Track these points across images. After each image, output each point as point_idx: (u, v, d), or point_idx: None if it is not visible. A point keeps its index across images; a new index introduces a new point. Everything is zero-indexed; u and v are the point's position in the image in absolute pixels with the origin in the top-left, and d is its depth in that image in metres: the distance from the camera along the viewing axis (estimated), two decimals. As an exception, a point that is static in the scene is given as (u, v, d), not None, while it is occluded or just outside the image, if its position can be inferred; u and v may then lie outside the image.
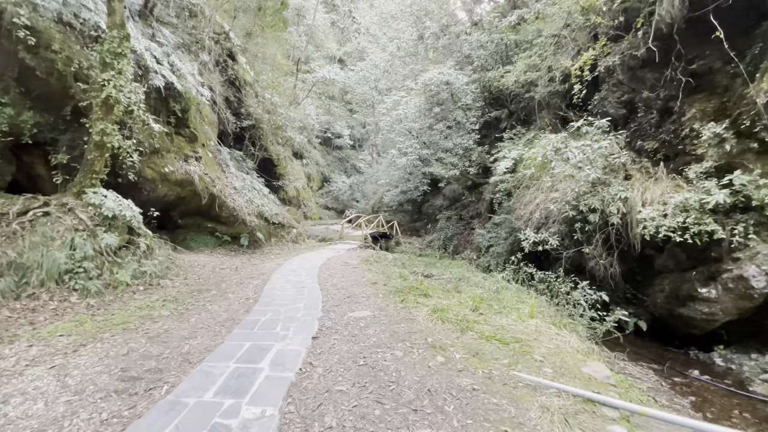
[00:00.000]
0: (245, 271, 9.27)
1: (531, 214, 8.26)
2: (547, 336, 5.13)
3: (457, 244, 16.28)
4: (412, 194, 20.22)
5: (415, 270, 9.68)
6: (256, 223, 13.25)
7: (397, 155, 14.21)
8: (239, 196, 13.56)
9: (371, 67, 29.07)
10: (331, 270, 9.41)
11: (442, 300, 6.51)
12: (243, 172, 17.17)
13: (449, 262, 11.94)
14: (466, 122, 13.41)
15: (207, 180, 11.76)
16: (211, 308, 5.82)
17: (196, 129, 12.44)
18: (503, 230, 10.50)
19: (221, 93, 17.56)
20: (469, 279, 8.98)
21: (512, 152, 9.43)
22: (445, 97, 13.42)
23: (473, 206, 17.94)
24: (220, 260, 10.59)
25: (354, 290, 7.09)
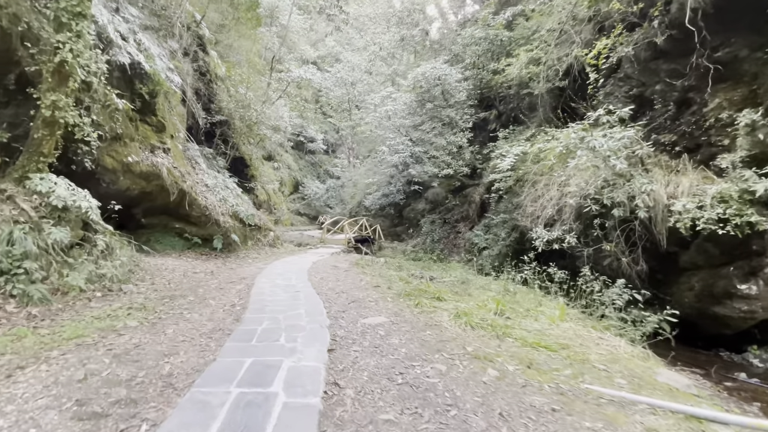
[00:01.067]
0: (223, 275, 8.13)
1: (541, 210, 7.80)
2: (591, 341, 4.54)
3: (443, 247, 15.73)
4: (394, 197, 19.57)
5: (413, 273, 8.94)
6: (230, 225, 12.03)
7: (388, 152, 13.51)
8: (211, 194, 12.29)
9: (349, 69, 28.38)
10: (322, 274, 8.47)
11: (460, 303, 5.80)
12: (214, 170, 15.82)
13: (443, 266, 11.30)
14: (459, 120, 12.99)
15: (176, 174, 10.50)
16: (190, 317, 4.76)
17: (165, 118, 11.17)
18: (502, 230, 10.03)
19: (191, 84, 16.23)
20: (472, 281, 8.35)
21: (514, 148, 9.02)
22: (437, 94, 12.95)
23: (457, 210, 17.54)
24: (192, 264, 9.35)
25: (357, 294, 6.23)
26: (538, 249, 7.35)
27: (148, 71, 9.52)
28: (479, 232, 11.47)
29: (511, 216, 9.91)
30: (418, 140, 13.28)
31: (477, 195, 13.47)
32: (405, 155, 12.80)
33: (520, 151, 8.75)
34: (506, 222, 10.07)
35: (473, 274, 9.76)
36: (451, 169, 12.58)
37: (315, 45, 48.61)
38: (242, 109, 18.26)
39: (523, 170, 9.02)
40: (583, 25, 8.47)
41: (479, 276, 9.68)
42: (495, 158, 11.12)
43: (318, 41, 49.36)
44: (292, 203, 39.17)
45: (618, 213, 6.11)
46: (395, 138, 13.36)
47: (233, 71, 19.47)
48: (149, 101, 10.17)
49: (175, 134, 12.25)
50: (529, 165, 8.65)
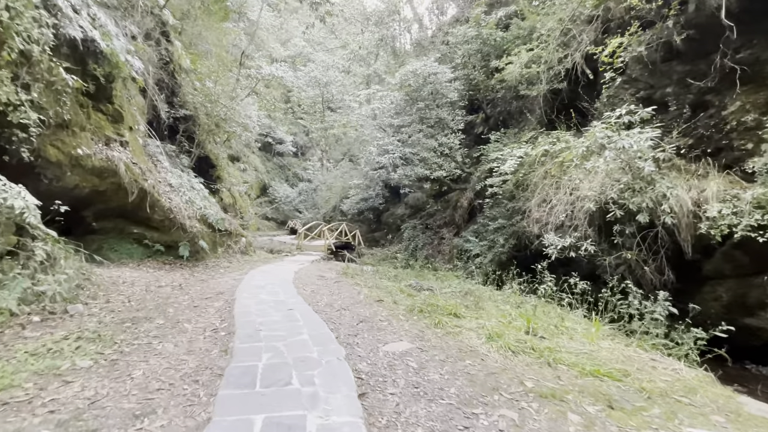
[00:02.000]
0: (194, 289, 6.96)
1: (550, 216, 7.33)
2: (644, 363, 3.99)
3: (428, 254, 15.12)
4: (373, 202, 18.80)
5: (410, 283, 8.18)
6: (198, 230, 10.72)
7: (376, 153, 12.69)
8: (176, 195, 10.93)
9: (323, 68, 27.39)
10: (311, 286, 7.51)
11: (481, 320, 5.11)
12: (177, 168, 14.31)
13: (435, 274, 10.64)
14: (450, 121, 12.46)
15: (136, 171, 9.14)
16: (163, 349, 3.71)
17: (123, 107, 9.80)
18: (500, 236, 9.53)
19: (154, 74, 14.69)
20: (475, 292, 7.72)
21: (515, 150, 8.56)
22: (425, 94, 12.36)
23: (440, 215, 17.05)
24: (154, 275, 8.05)
25: (362, 312, 5.37)
26: (551, 257, 6.85)
27: (105, 50, 8.18)
28: (473, 238, 10.93)
29: (509, 221, 9.44)
30: (407, 141, 12.64)
31: (465, 200, 12.98)
32: (394, 156, 12.09)
33: (523, 153, 8.31)
34: (503, 228, 9.60)
35: (471, 283, 9.16)
36: (443, 171, 12.01)
37: (285, 44, 47.16)
38: (209, 104, 16.82)
39: (523, 173, 8.58)
40: (589, 24, 8.19)
41: (478, 285, 9.09)
42: (489, 161, 10.67)
43: (288, 40, 47.95)
44: (259, 207, 37.34)
45: (643, 219, 5.71)
46: (383, 138, 12.61)
47: (199, 63, 17.95)
48: (105, 86, 8.82)
49: (135, 126, 10.83)
50: (532, 168, 8.20)
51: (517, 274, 8.22)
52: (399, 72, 12.85)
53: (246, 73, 28.69)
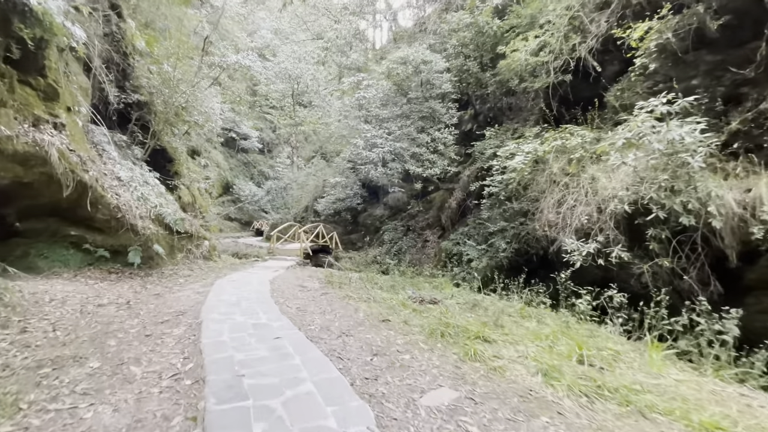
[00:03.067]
0: (147, 308, 5.54)
1: (569, 217, 6.56)
2: (738, 401, 3.20)
3: (412, 258, 14.18)
4: (351, 202, 17.62)
5: (410, 295, 7.15)
6: (152, 231, 9.10)
7: (363, 146, 11.48)
8: (126, 190, 9.25)
9: (294, 59, 25.79)
10: (294, 300, 6.28)
11: (518, 347, 4.18)
12: (128, 161, 12.45)
13: (424, 280, 9.68)
14: (444, 114, 11.54)
15: (73, 160, 7.48)
16: (94, 419, 2.43)
17: (58, 82, 8.11)
18: (500, 240, 8.72)
19: (101, 51, 12.76)
20: (481, 303, 6.82)
21: (523, 146, 7.77)
22: (413, 85, 11.37)
23: (422, 216, 16.19)
24: (95, 289, 6.50)
25: (370, 338, 4.26)
26: (575, 264, 6.07)
27: (35, 8, 6.55)
28: (468, 242, 10.07)
29: (511, 224, 8.66)
30: (396, 134, 11.60)
31: (453, 200, 12.15)
32: (384, 150, 10.98)
33: (531, 148, 7.55)
34: (503, 231, 8.80)
35: (469, 291, 8.28)
36: (438, 168, 11.07)
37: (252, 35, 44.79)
38: (167, 90, 14.95)
39: (528, 172, 7.81)
40: (600, 11, 7.59)
41: (481, 295, 8.23)
42: (485, 159, 9.90)
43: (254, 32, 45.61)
44: (222, 206, 34.96)
45: (687, 221, 5.04)
46: (370, 130, 11.48)
47: (157, 45, 15.95)
48: (35, 53, 7.18)
49: (75, 108, 9.09)
50: (540, 165, 7.44)
51: (528, 282, 7.43)
52: (386, 59, 11.81)
53: (209, 61, 26.59)
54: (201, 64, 25.12)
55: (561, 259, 6.52)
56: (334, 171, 19.86)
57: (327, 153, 25.94)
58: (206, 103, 21.58)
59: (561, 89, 9.01)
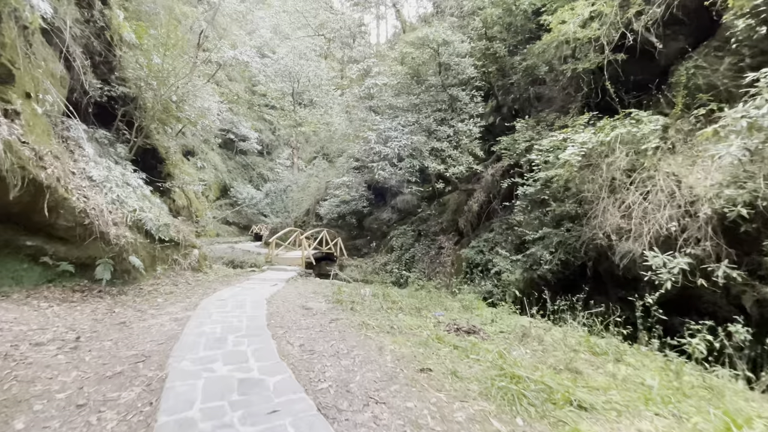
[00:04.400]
0: (100, 348, 4.13)
1: (645, 223, 5.16)
2: None
3: (424, 267, 12.78)
4: (356, 205, 16.24)
5: (438, 319, 5.75)
6: (128, 240, 7.69)
7: (375, 140, 10.08)
8: (98, 192, 7.86)
9: (294, 56, 24.46)
10: (296, 332, 4.86)
11: (638, 422, 2.77)
12: (109, 159, 11.08)
13: (461, 300, 8.25)
14: (467, 103, 10.15)
15: (25, 155, 6.10)
16: None
17: (14, 62, 6.81)
18: (542, 249, 7.31)
19: (78, 38, 11.44)
20: (531, 332, 5.42)
21: (577, 135, 6.39)
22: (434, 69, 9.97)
23: (434, 220, 14.81)
24: (46, 317, 5.11)
25: (413, 410, 2.85)
26: (665, 285, 4.67)
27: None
28: (501, 251, 8.65)
29: (557, 230, 7.26)
30: (413, 126, 10.21)
31: (474, 202, 10.76)
32: (400, 144, 9.57)
33: (587, 138, 6.16)
34: (546, 238, 7.39)
35: (507, 310, 6.87)
36: (462, 165, 9.68)
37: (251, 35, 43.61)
38: (155, 82, 13.58)
39: (578, 168, 6.43)
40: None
41: (518, 314, 6.82)
42: (517, 154, 8.54)
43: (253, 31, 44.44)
44: (219, 210, 33.60)
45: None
46: (382, 122, 10.08)
47: (147, 35, 14.58)
48: (-30, 20, 5.80)
49: (37, 95, 7.72)
50: (596, 159, 6.05)
51: (579, 302, 6.03)
52: (400, 42, 10.48)
53: (205, 57, 25.37)
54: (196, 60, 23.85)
55: (633, 275, 5.13)
56: (338, 171, 18.47)
57: (329, 154, 24.59)
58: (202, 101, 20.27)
59: (607, 71, 7.63)
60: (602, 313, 5.69)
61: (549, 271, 7.20)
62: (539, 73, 10.71)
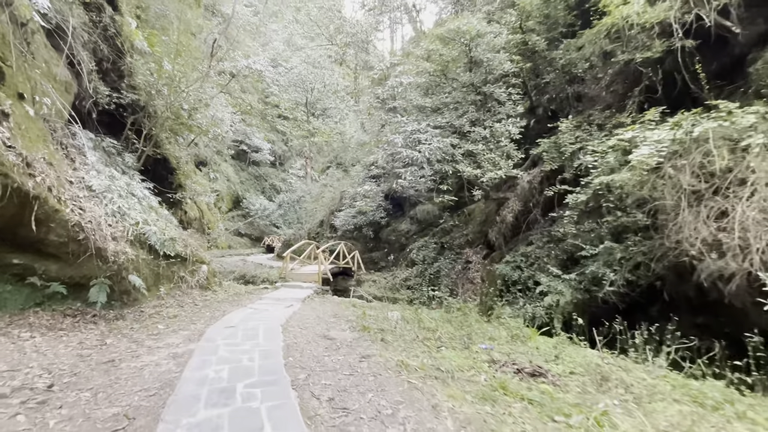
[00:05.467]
0: (72, 402, 3.23)
1: (753, 237, 4.10)
2: None
3: (449, 283, 11.72)
4: (374, 215, 15.32)
5: (492, 354, 4.72)
6: (128, 257, 6.87)
7: (403, 144, 9.13)
8: (97, 204, 7.10)
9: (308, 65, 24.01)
10: (322, 376, 3.89)
11: None
12: (115, 168, 10.42)
13: (499, 322, 7.19)
14: (506, 101, 9.21)
15: (10, 161, 5.35)
16: None
17: (5, 59, 6.22)
18: (605, 267, 6.21)
19: (87, 42, 10.98)
20: (610, 374, 4.34)
21: (651, 134, 5.36)
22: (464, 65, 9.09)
23: (458, 232, 13.78)
24: (22, 351, 4.27)
25: None
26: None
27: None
28: (548, 267, 7.56)
29: (623, 245, 6.17)
30: (445, 128, 9.27)
31: (509, 212, 9.73)
32: (431, 147, 8.58)
33: (665, 137, 5.15)
34: (610, 254, 6.28)
35: (567, 342, 5.79)
36: (501, 170, 8.68)
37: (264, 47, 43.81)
38: (166, 90, 13.00)
39: (646, 171, 5.38)
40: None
41: (583, 345, 5.74)
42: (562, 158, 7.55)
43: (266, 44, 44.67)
44: (231, 222, 33.13)
45: None
46: (410, 124, 9.16)
47: (158, 41, 14.08)
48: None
49: (32, 97, 7.06)
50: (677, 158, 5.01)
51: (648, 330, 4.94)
52: (427, 37, 9.65)
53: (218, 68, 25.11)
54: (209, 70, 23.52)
55: (714, 298, 4.05)
56: (353, 181, 17.63)
57: (343, 163, 23.86)
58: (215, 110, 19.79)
59: (675, 60, 6.62)
60: (683, 344, 4.60)
61: (614, 293, 6.10)
62: (578, 71, 9.75)
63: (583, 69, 9.61)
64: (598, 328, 6.06)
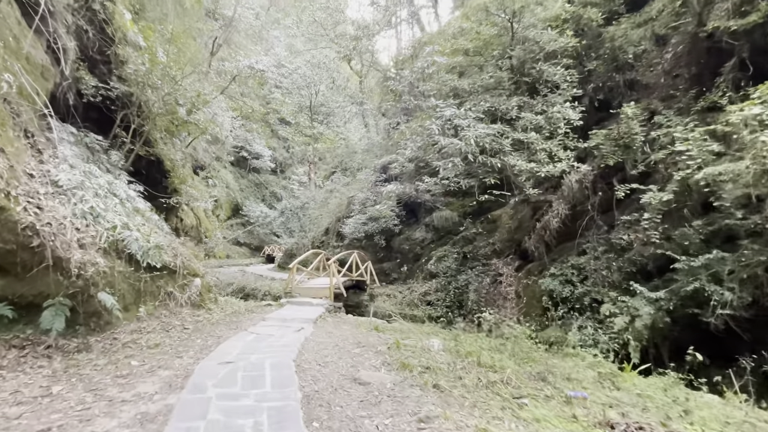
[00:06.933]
0: None
1: None
2: None
3: (477, 299, 10.28)
4: (386, 222, 13.95)
5: (585, 406, 3.32)
6: (99, 269, 5.44)
7: (437, 131, 7.59)
8: (62, 202, 5.71)
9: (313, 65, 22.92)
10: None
11: None
12: (99, 166, 9.07)
13: (562, 352, 5.77)
14: (562, 82, 7.86)
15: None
16: None
17: None
18: (710, 283, 4.80)
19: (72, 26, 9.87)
20: None
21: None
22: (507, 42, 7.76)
23: (482, 240, 12.40)
24: None
25: None
26: None
27: None
28: (640, 286, 5.99)
29: (737, 254, 4.76)
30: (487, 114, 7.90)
31: (552, 216, 8.35)
32: (478, 134, 7.05)
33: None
34: (721, 263, 4.86)
35: (675, 381, 4.37)
36: (562, 162, 7.28)
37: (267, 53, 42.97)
38: (161, 81, 11.70)
39: None
40: None
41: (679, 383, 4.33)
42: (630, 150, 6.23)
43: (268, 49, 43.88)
44: (230, 230, 31.66)
45: None
46: (448, 108, 7.69)
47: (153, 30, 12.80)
48: None
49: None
50: None
51: None
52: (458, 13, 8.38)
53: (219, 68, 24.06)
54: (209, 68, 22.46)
55: None
56: (362, 185, 16.30)
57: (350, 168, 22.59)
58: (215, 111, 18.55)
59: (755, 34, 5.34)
60: None
61: (731, 317, 4.69)
62: (627, 57, 8.52)
63: (635, 54, 8.39)
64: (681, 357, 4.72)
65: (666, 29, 8.12)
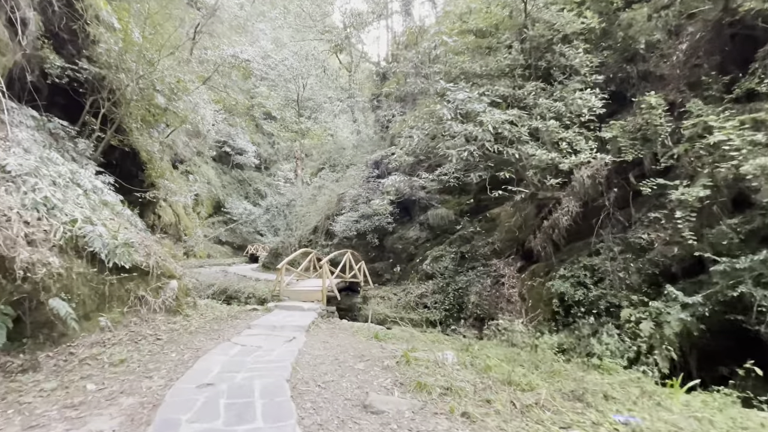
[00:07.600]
0: None
1: None
2: None
3: (479, 302, 9.72)
4: (379, 220, 13.27)
5: None
6: (53, 270, 4.58)
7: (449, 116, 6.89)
8: (9, 190, 4.81)
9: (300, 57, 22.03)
10: None
11: None
12: (62, 155, 8.09)
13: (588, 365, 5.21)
14: (581, 67, 7.28)
15: None
16: None
17: None
18: (756, 286, 4.29)
19: (40, 1, 8.94)
20: None
21: None
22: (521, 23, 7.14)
23: (481, 239, 11.87)
24: None
25: None
26: None
27: None
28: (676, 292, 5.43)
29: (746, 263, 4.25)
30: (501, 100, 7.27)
31: (562, 213, 7.82)
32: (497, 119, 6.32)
33: None
34: (753, 270, 4.39)
35: (728, 397, 3.85)
36: (584, 153, 6.70)
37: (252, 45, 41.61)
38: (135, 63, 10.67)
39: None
40: None
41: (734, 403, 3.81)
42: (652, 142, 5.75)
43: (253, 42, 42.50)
44: (211, 228, 30.35)
45: None
46: (460, 91, 6.96)
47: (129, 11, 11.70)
48: None
49: None
50: None
51: None
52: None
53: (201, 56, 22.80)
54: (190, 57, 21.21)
55: None
56: (355, 182, 15.58)
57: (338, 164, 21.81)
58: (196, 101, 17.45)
59: None
60: None
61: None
62: (639, 47, 8.08)
63: (647, 43, 7.96)
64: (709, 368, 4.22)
65: (681, 19, 7.70)
